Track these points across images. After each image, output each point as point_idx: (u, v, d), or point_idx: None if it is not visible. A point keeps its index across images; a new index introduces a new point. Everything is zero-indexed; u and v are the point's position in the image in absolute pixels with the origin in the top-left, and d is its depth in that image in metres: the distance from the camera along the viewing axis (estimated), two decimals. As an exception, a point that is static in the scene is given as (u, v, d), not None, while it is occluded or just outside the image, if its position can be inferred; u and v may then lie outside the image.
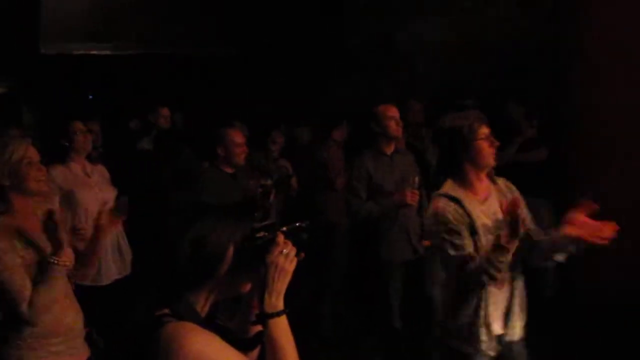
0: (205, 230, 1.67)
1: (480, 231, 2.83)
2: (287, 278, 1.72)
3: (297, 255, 1.74)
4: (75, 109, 7.25)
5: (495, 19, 6.78)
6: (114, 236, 4.12)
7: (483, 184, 2.96)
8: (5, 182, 2.61)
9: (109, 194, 4.20)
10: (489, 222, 2.86)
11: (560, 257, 2.85)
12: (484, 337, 2.85)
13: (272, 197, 4.46)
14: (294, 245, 1.74)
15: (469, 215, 2.83)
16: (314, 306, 5.37)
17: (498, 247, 2.66)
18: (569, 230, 2.71)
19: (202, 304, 1.70)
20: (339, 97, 7.36)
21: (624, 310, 4.36)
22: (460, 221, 2.82)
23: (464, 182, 2.93)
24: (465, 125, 2.89)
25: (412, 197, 4.18)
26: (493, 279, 2.70)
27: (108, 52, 9.07)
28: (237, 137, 4.32)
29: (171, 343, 1.55)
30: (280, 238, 1.73)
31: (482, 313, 2.84)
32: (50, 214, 2.58)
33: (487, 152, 2.89)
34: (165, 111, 6.17)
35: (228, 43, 9.17)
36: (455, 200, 2.86)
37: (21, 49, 8.41)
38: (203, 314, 1.70)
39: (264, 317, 1.69)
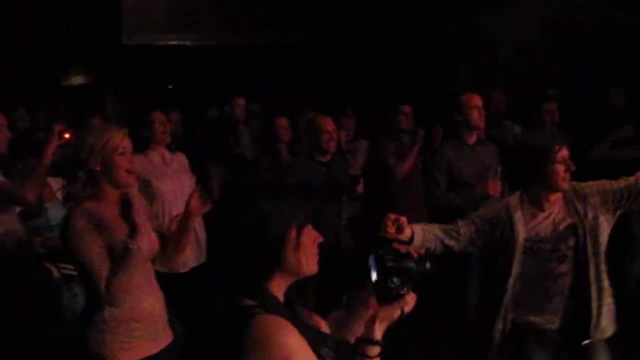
0: (266, 210, 1.60)
1: (520, 249, 2.92)
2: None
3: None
4: (156, 99, 7.39)
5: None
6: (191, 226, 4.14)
7: (551, 199, 2.96)
8: (97, 167, 2.66)
9: (187, 182, 4.25)
10: (544, 234, 2.92)
11: None
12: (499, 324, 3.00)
13: (360, 188, 4.35)
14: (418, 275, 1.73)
15: (512, 231, 2.93)
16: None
17: None
18: None
19: (277, 291, 1.65)
20: (418, 85, 7.21)
21: None
22: (494, 222, 2.96)
23: (531, 198, 2.97)
24: (544, 145, 2.89)
25: (494, 188, 4.02)
26: None
27: (187, 43, 9.21)
28: (327, 124, 4.28)
29: (266, 338, 1.50)
30: (413, 297, 1.72)
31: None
32: (126, 199, 2.63)
33: (562, 176, 2.88)
34: (241, 101, 6.24)
35: (304, 33, 9.15)
36: (509, 214, 2.95)
37: (104, 40, 8.65)
38: (281, 301, 1.66)
39: (368, 343, 1.68)
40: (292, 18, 9.08)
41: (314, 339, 1.61)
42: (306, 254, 1.65)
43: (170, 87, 10.21)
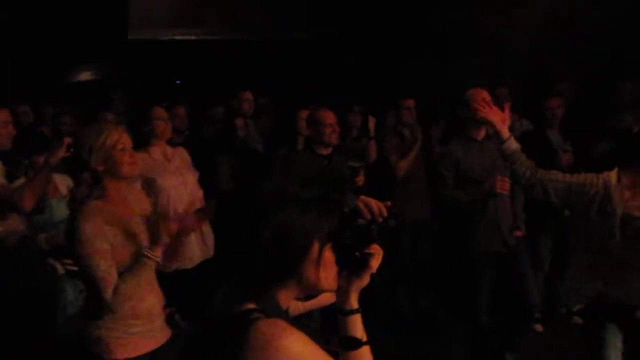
0: (290, 222, 1.55)
1: (617, 216, 3.03)
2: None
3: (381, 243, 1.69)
4: (163, 94, 7.37)
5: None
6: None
7: None
8: (100, 167, 2.65)
9: (191, 177, 4.24)
10: (637, 213, 3.03)
11: None
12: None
13: (360, 180, 4.34)
14: (380, 234, 1.69)
15: (608, 197, 3.06)
16: (391, 299, 5.25)
17: None
18: None
19: (285, 300, 1.60)
20: (424, 81, 7.16)
21: None
22: (588, 189, 3.10)
23: (627, 178, 3.09)
24: None
25: (502, 185, 3.96)
26: None
27: (193, 38, 9.19)
28: (329, 117, 4.27)
29: (267, 343, 1.44)
30: (379, 250, 1.67)
31: None
32: (156, 209, 2.62)
33: None
34: (248, 95, 6.21)
35: (310, 28, 9.10)
36: (605, 183, 3.08)
37: (110, 36, 8.64)
38: (286, 310, 1.61)
39: (348, 313, 1.67)
40: (298, 12, 9.05)
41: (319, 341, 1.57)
42: (327, 270, 1.59)
43: (178, 82, 10.20)
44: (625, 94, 5.58)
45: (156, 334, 2.75)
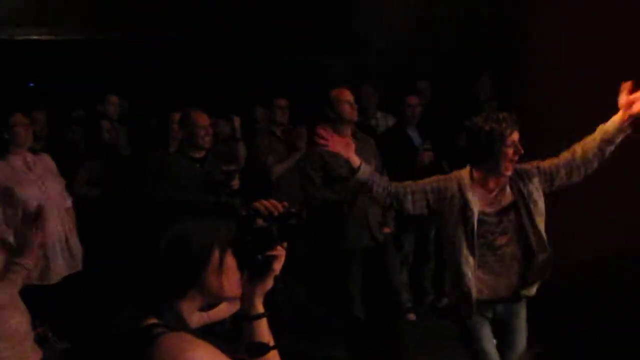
0: (187, 231, 1.53)
1: (475, 216, 3.08)
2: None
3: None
4: (19, 97, 6.95)
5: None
6: (61, 233, 3.97)
7: (497, 180, 3.14)
8: None
9: (55, 186, 4.02)
10: (490, 210, 3.12)
11: None
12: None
13: (235, 184, 4.32)
14: (282, 234, 1.67)
15: (464, 198, 3.10)
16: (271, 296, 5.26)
17: None
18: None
19: (188, 311, 1.58)
20: (291, 80, 7.24)
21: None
22: (444, 193, 3.15)
23: (479, 177, 3.15)
24: (496, 129, 3.02)
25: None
26: None
27: (50, 38, 8.72)
28: (202, 119, 4.21)
29: (173, 358, 1.42)
30: (281, 252, 1.65)
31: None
32: (28, 217, 2.58)
33: (509, 159, 3.05)
34: (114, 99, 6.04)
35: (172, 26, 8.92)
36: (459, 184, 3.13)
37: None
38: (190, 322, 1.58)
39: (254, 318, 1.64)
40: (160, 13, 8.84)
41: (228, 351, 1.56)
42: (229, 276, 1.58)
43: (31, 84, 9.64)
44: (482, 90, 5.95)
45: (26, 355, 2.62)
